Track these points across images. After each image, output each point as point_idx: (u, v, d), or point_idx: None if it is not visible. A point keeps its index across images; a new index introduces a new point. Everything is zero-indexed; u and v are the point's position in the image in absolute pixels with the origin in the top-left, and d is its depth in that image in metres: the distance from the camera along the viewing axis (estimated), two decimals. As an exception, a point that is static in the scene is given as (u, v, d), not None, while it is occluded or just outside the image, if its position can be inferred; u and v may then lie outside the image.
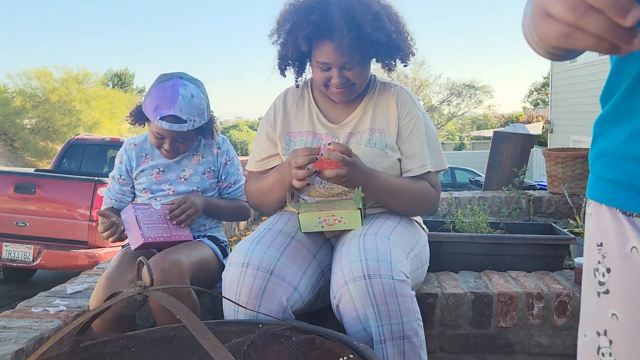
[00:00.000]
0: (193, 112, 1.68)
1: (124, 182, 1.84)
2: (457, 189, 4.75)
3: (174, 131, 1.67)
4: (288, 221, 1.51)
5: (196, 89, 1.71)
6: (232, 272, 1.31)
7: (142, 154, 1.83)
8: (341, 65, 1.44)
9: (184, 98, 1.65)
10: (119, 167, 1.83)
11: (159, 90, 1.67)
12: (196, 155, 1.84)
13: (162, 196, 1.79)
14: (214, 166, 1.85)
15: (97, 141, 6.68)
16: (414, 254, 1.43)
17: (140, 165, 1.82)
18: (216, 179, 1.87)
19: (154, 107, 1.65)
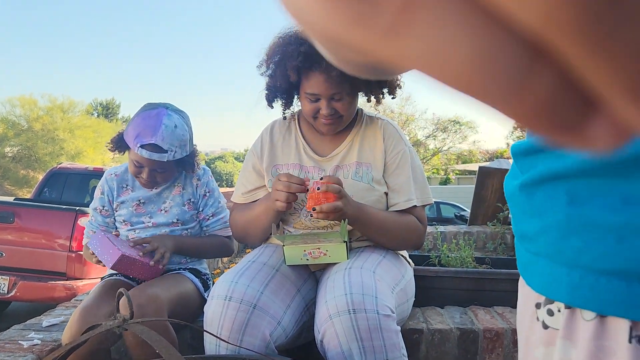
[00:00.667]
0: (175, 143, 1.66)
1: (106, 214, 1.80)
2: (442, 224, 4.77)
3: (154, 160, 1.65)
4: (273, 254, 1.49)
5: (180, 120, 1.70)
6: (214, 305, 1.28)
7: (123, 185, 1.80)
8: (330, 97, 1.45)
9: (167, 128, 1.63)
10: (101, 199, 1.79)
11: (142, 118, 1.65)
12: (176, 187, 1.81)
13: (141, 228, 1.76)
14: (193, 197, 1.82)
15: (79, 170, 6.60)
16: (399, 288, 1.41)
17: (120, 196, 1.78)
18: (196, 211, 1.83)
19: (135, 134, 1.63)
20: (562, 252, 0.51)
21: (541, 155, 0.53)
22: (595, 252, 0.48)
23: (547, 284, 0.53)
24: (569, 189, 0.50)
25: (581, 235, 0.49)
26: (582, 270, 0.49)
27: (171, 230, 1.77)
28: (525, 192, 0.56)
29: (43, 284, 4.38)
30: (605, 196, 0.47)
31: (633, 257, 0.45)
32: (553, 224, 0.52)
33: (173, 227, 1.77)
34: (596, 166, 0.47)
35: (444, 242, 2.38)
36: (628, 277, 0.45)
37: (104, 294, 1.56)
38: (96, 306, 1.49)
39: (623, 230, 0.45)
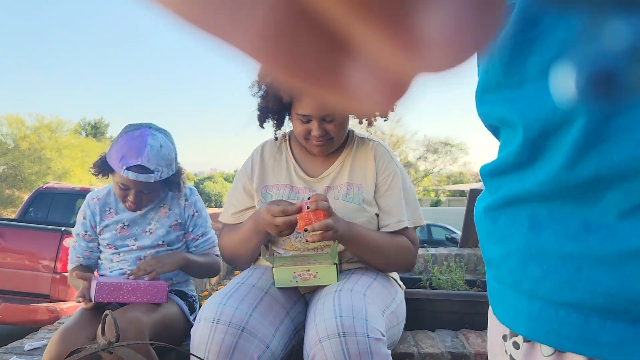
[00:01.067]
0: (161, 163, 1.63)
1: (89, 239, 1.76)
2: (433, 246, 4.76)
3: (140, 182, 1.62)
4: (262, 275, 1.47)
5: (165, 139, 1.67)
6: (201, 328, 1.25)
7: (106, 208, 1.76)
8: (321, 118, 1.45)
9: (152, 148, 1.61)
10: (83, 223, 1.76)
11: (126, 139, 1.62)
12: (162, 208, 1.78)
13: (125, 251, 1.72)
14: (180, 218, 1.79)
15: (66, 190, 6.52)
16: (390, 311, 1.40)
17: (104, 220, 1.75)
18: (183, 231, 1.80)
19: (120, 157, 1.60)
20: (522, 281, 0.48)
21: (506, 177, 0.51)
22: (554, 282, 0.45)
23: (510, 315, 0.51)
24: (530, 214, 0.48)
25: (540, 263, 0.46)
26: (541, 301, 0.46)
27: (156, 252, 1.74)
28: (489, 216, 0.54)
29: (25, 307, 4.29)
30: (563, 222, 0.45)
31: (591, 288, 0.42)
32: (514, 251, 0.49)
33: (158, 248, 1.74)
34: (555, 190, 0.45)
35: (435, 265, 2.37)
36: (586, 310, 0.43)
37: (85, 317, 1.53)
38: (77, 329, 1.46)
39: (581, 260, 0.43)
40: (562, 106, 0.40)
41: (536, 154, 0.46)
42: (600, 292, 0.41)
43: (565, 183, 0.44)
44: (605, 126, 0.39)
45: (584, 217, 0.43)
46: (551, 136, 0.44)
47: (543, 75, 0.42)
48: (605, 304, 0.41)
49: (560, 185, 0.44)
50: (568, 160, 0.42)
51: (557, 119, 0.42)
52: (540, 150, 0.45)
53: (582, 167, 0.42)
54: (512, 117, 0.47)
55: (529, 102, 0.44)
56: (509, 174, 0.50)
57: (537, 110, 0.43)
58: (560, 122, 0.42)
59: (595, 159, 0.41)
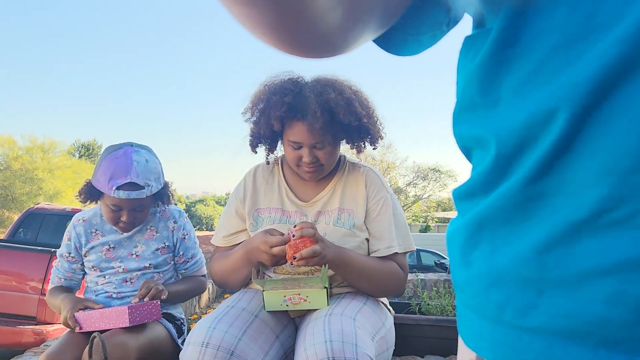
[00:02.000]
0: (150, 177, 1.63)
1: (73, 260, 1.75)
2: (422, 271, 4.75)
3: (132, 199, 1.61)
4: (252, 299, 1.47)
5: (149, 154, 1.67)
6: (190, 351, 1.24)
7: (91, 230, 1.75)
8: (312, 145, 1.47)
9: (139, 164, 1.61)
10: (67, 245, 1.75)
11: (110, 160, 1.61)
12: (149, 230, 1.77)
13: (111, 274, 1.71)
14: (168, 241, 1.78)
15: (57, 211, 6.47)
16: (379, 336, 1.39)
17: (89, 242, 1.73)
18: (171, 254, 1.79)
19: (107, 178, 1.58)
20: (485, 306, 0.47)
21: (474, 198, 0.50)
22: (516, 307, 0.44)
23: (476, 340, 0.50)
24: (491, 238, 0.47)
25: (501, 288, 0.45)
26: (505, 327, 0.45)
27: (143, 274, 1.73)
28: (456, 240, 0.53)
29: (11, 329, 4.22)
30: (521, 245, 0.43)
31: (553, 312, 0.41)
32: (476, 275, 0.48)
33: (145, 271, 1.73)
34: (514, 204, 0.44)
35: (425, 290, 2.37)
36: (549, 335, 0.41)
37: (72, 340, 1.52)
38: (62, 352, 1.45)
39: (541, 283, 0.42)
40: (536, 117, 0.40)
41: (505, 172, 0.45)
42: (561, 315, 0.40)
43: (526, 197, 0.43)
44: (572, 139, 0.39)
45: (541, 238, 0.42)
46: (522, 152, 0.43)
47: (518, 93, 0.43)
48: (567, 328, 0.40)
49: (520, 200, 0.43)
50: (532, 173, 0.42)
51: (531, 133, 0.41)
52: (509, 168, 0.45)
53: (544, 181, 0.41)
54: (485, 135, 0.47)
55: (503, 119, 0.44)
56: (477, 196, 0.49)
57: (510, 126, 0.43)
58: (534, 136, 0.41)
59: (560, 172, 0.40)
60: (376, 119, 1.56)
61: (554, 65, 0.39)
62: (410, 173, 27.19)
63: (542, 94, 0.39)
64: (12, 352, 3.11)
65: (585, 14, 0.37)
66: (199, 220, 38.56)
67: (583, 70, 0.36)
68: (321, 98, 1.42)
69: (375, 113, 1.56)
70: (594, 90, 0.36)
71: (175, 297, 1.75)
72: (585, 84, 0.36)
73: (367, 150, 1.62)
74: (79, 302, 1.60)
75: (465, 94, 0.50)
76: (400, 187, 26.94)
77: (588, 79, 0.36)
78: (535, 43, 0.41)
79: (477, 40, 0.48)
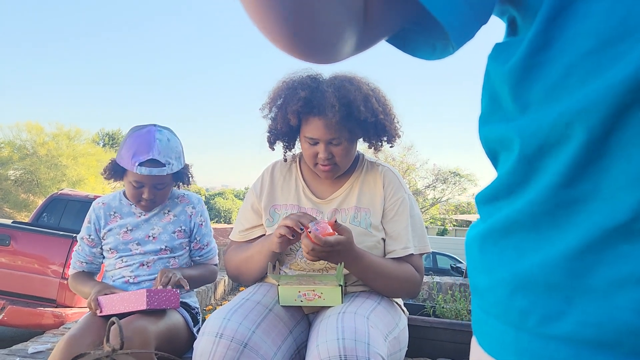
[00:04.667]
0: (171, 155, 1.69)
1: (93, 244, 1.79)
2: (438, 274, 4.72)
3: (154, 176, 1.66)
4: (267, 293, 1.48)
5: (171, 134, 1.73)
6: (204, 342, 1.26)
7: (110, 212, 1.79)
8: (328, 141, 1.48)
9: (161, 142, 1.66)
10: (88, 227, 1.79)
11: (134, 138, 1.67)
12: (167, 214, 1.81)
13: (129, 256, 1.74)
14: (185, 225, 1.82)
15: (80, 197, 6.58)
16: (392, 336, 1.39)
17: (108, 224, 1.78)
18: (187, 239, 1.83)
19: (131, 154, 1.64)
20: (508, 313, 0.46)
21: (498, 202, 0.49)
22: (542, 314, 0.43)
23: (496, 347, 0.48)
24: (517, 243, 0.46)
25: (526, 294, 0.44)
26: (529, 334, 0.44)
27: (159, 258, 1.76)
28: (478, 244, 0.52)
29: (32, 310, 4.32)
30: (550, 250, 0.42)
31: (581, 320, 0.40)
32: (500, 281, 0.47)
33: (161, 254, 1.76)
34: (545, 211, 0.43)
35: (440, 293, 2.36)
36: (576, 343, 0.40)
37: (91, 324, 1.54)
38: (82, 336, 1.48)
39: (570, 290, 0.41)
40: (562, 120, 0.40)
41: (530, 174, 0.44)
42: (590, 324, 0.39)
43: (559, 202, 0.42)
44: (605, 143, 0.38)
45: (573, 244, 0.41)
46: (548, 153, 0.42)
47: (547, 96, 0.42)
48: (596, 337, 0.39)
49: (552, 206, 0.42)
50: (565, 177, 0.41)
51: (556, 134, 0.41)
52: (535, 170, 0.44)
53: (577, 186, 0.40)
54: (510, 135, 0.46)
55: (530, 120, 0.44)
56: (501, 199, 0.49)
57: (535, 126, 0.42)
58: (559, 138, 0.41)
59: (593, 176, 0.39)
60: (393, 117, 1.55)
61: (587, 68, 0.38)
62: (430, 175, 26.97)
63: (572, 96, 0.39)
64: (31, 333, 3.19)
65: (620, 18, 0.37)
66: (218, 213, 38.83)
67: (618, 73, 0.36)
68: (338, 93, 1.42)
69: (392, 110, 1.56)
70: (629, 93, 0.35)
71: (191, 282, 1.77)
72: (621, 87, 0.35)
73: (386, 149, 1.62)
74: (105, 288, 1.65)
75: (493, 98, 0.50)
76: (419, 189, 26.75)
77: (623, 82, 0.35)
78: (568, 47, 0.40)
79: (509, 46, 0.47)
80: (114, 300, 1.56)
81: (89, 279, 1.77)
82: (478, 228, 0.53)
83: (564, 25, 0.41)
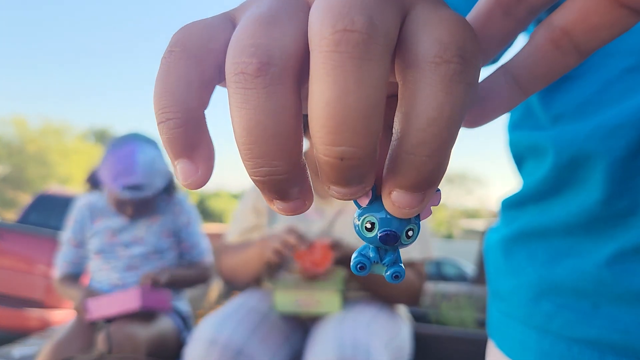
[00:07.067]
0: (155, 176, 1.63)
1: (77, 244, 1.74)
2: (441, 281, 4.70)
3: (138, 198, 1.62)
4: (263, 299, 1.44)
5: (154, 151, 1.66)
6: (196, 348, 1.21)
7: (95, 214, 1.73)
8: None
9: (145, 164, 1.60)
10: (72, 227, 1.74)
11: (115, 158, 1.61)
12: (153, 216, 1.75)
13: (115, 259, 1.69)
14: (173, 225, 1.76)
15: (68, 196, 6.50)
16: (394, 345, 1.35)
17: (93, 226, 1.72)
18: (175, 239, 1.78)
19: (113, 176, 1.59)
20: (532, 316, 0.47)
21: (525, 208, 0.50)
22: (568, 317, 0.43)
23: (519, 350, 0.48)
24: (548, 248, 0.47)
25: (553, 298, 0.45)
26: (553, 337, 0.44)
27: (147, 260, 1.71)
28: (502, 248, 0.52)
29: (17, 312, 4.23)
30: (582, 258, 0.43)
31: (608, 325, 0.40)
32: (525, 284, 0.48)
33: (149, 256, 1.71)
34: (582, 223, 0.43)
35: (444, 300, 2.33)
36: (601, 347, 0.41)
37: (79, 328, 1.51)
38: (69, 340, 1.45)
39: (598, 297, 0.41)
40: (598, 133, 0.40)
41: (564, 184, 0.45)
42: (618, 330, 0.40)
43: (596, 216, 0.42)
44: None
45: (604, 253, 0.42)
46: (583, 166, 0.42)
47: (582, 108, 0.43)
48: (622, 342, 0.40)
49: (589, 219, 0.43)
50: (605, 194, 0.41)
51: (591, 148, 0.41)
52: (569, 180, 0.44)
53: (617, 201, 0.41)
54: (543, 144, 0.46)
55: (564, 130, 0.44)
56: (528, 205, 0.49)
57: (570, 138, 0.43)
58: (594, 152, 0.41)
59: (631, 192, 0.40)
60: None
61: (625, 85, 0.39)
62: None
63: (609, 111, 0.40)
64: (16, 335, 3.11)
65: None
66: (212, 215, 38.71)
67: None
68: None
69: None
70: None
71: (179, 282, 1.72)
72: None
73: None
74: (93, 292, 1.61)
75: (526, 104, 0.50)
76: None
77: None
78: (605, 63, 0.41)
79: None
80: (103, 303, 1.51)
81: (75, 282, 1.72)
82: (501, 232, 0.53)
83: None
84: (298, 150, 0.18)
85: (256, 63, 0.17)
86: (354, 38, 0.16)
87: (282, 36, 0.17)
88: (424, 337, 1.76)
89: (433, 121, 0.16)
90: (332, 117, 0.16)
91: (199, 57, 0.19)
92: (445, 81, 0.16)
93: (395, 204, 0.18)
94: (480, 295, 3.01)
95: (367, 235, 0.19)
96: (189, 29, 0.19)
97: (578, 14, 0.20)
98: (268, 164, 0.17)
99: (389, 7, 0.17)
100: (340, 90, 0.16)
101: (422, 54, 0.17)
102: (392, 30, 0.17)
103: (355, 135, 0.16)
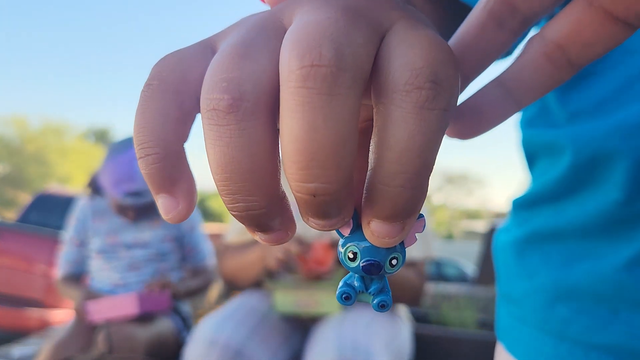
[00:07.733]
0: None
1: (79, 243, 1.73)
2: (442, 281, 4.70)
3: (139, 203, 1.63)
4: (263, 299, 1.44)
5: None
6: (196, 348, 1.21)
7: (97, 214, 1.73)
8: None
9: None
10: (74, 227, 1.74)
11: (116, 165, 1.61)
12: (156, 219, 1.75)
13: (116, 260, 1.69)
14: (176, 230, 1.76)
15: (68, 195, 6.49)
16: (394, 345, 1.35)
17: (95, 225, 1.72)
18: (178, 243, 1.78)
19: (113, 182, 1.59)
20: (548, 321, 0.45)
21: (538, 208, 0.48)
22: (585, 323, 0.42)
23: (533, 355, 0.47)
24: (564, 250, 0.45)
25: (569, 303, 0.43)
26: (570, 343, 0.43)
27: (149, 262, 1.71)
28: (514, 249, 0.50)
29: (16, 311, 4.22)
30: (600, 261, 0.42)
31: (628, 331, 0.39)
32: (540, 288, 0.46)
33: (151, 259, 1.71)
34: (601, 225, 0.42)
35: (444, 301, 2.33)
36: (621, 354, 0.40)
37: (78, 329, 1.50)
38: (68, 340, 1.45)
39: (617, 302, 0.40)
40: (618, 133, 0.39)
41: (581, 183, 0.43)
42: (637, 336, 0.39)
43: (615, 218, 0.41)
44: None
45: (622, 256, 0.40)
46: (602, 164, 0.41)
47: (602, 106, 0.41)
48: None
49: (608, 220, 0.41)
50: (625, 194, 0.40)
51: (611, 148, 0.40)
52: (586, 179, 0.43)
53: (637, 202, 0.39)
54: (560, 142, 0.44)
55: (583, 128, 0.42)
56: (542, 206, 0.48)
57: (589, 136, 0.41)
58: (614, 151, 0.39)
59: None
60: None
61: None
62: (436, 176, 26.88)
63: (629, 110, 0.39)
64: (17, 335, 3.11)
65: None
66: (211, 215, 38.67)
67: None
68: None
69: None
70: None
71: (183, 294, 1.73)
72: None
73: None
74: (94, 293, 1.61)
75: (541, 101, 0.48)
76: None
77: None
78: (625, 61, 0.40)
79: None
80: (103, 306, 1.51)
81: (76, 283, 1.72)
82: (512, 233, 0.51)
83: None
84: (275, 183, 0.17)
85: (228, 99, 0.16)
86: (321, 73, 0.15)
87: (254, 69, 0.17)
88: (425, 337, 1.76)
89: (405, 152, 0.16)
90: (302, 154, 0.16)
91: (176, 89, 0.18)
92: (417, 109, 0.16)
93: (374, 234, 0.18)
94: (481, 295, 3.00)
95: (350, 265, 0.19)
96: (167, 61, 0.19)
97: (572, 29, 0.19)
98: (244, 200, 0.17)
99: (362, 34, 0.16)
100: (309, 127, 0.15)
101: (393, 81, 0.16)
102: (365, 59, 0.16)
103: (325, 171, 0.16)
